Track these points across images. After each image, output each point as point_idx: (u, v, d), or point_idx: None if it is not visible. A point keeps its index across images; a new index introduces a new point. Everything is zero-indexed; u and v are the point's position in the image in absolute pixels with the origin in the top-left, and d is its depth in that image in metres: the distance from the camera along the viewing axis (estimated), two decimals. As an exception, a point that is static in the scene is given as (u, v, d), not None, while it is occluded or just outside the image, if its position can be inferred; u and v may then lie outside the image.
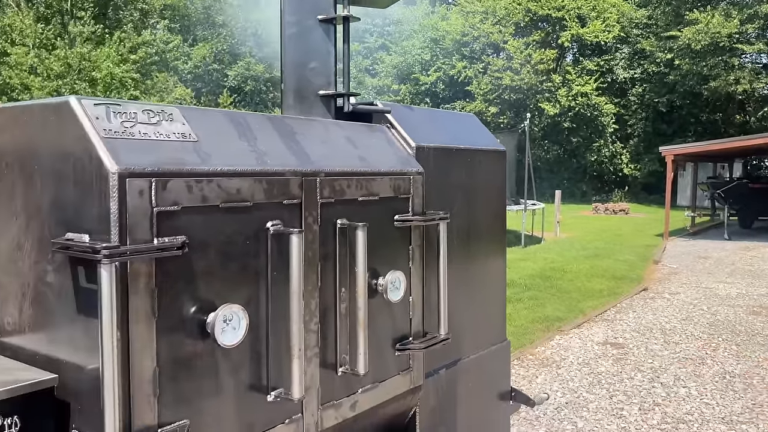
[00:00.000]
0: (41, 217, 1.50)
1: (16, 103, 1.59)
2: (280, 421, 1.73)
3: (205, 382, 1.53)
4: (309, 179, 1.78)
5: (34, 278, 1.53)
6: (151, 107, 1.55)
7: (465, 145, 2.53)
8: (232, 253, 1.58)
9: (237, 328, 1.55)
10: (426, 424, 2.35)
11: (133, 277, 1.37)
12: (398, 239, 2.12)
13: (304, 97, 2.22)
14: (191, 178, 1.48)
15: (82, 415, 1.43)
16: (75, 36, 31.59)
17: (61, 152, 1.44)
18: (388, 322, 2.09)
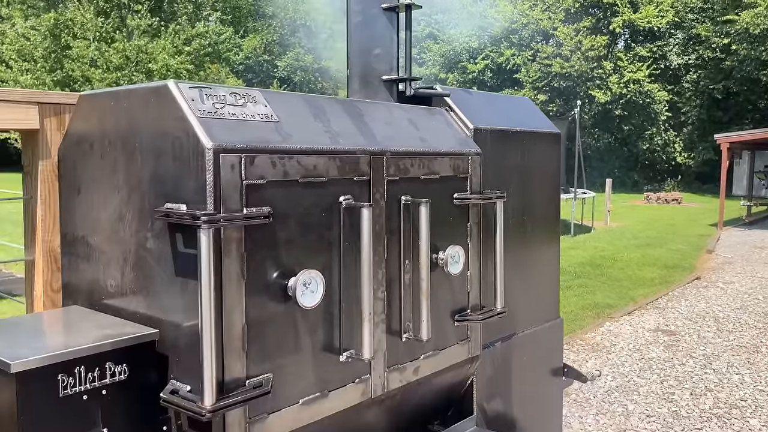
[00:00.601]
0: (141, 189, 1.67)
1: (119, 87, 1.77)
2: (350, 381, 1.88)
3: (286, 340, 1.69)
4: (376, 158, 1.92)
5: (134, 245, 1.71)
6: (237, 90, 1.70)
7: (520, 127, 2.63)
8: (309, 224, 1.73)
9: (315, 292, 1.70)
10: (482, 393, 2.47)
11: (226, 243, 1.53)
12: (457, 216, 2.24)
13: (368, 82, 2.35)
14: (275, 155, 1.63)
15: (180, 366, 1.60)
16: (133, 29, 32.53)
17: (160, 131, 1.61)
18: (447, 295, 2.21)
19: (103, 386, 1.51)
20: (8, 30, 34.55)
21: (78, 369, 1.46)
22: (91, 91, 1.90)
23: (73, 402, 1.46)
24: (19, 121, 2.62)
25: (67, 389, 1.44)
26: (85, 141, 1.86)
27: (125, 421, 1.55)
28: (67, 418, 1.45)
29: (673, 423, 4.54)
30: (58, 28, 32.99)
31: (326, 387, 1.81)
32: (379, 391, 1.97)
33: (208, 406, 1.46)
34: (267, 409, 1.65)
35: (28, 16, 34.42)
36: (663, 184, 30.69)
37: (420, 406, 2.28)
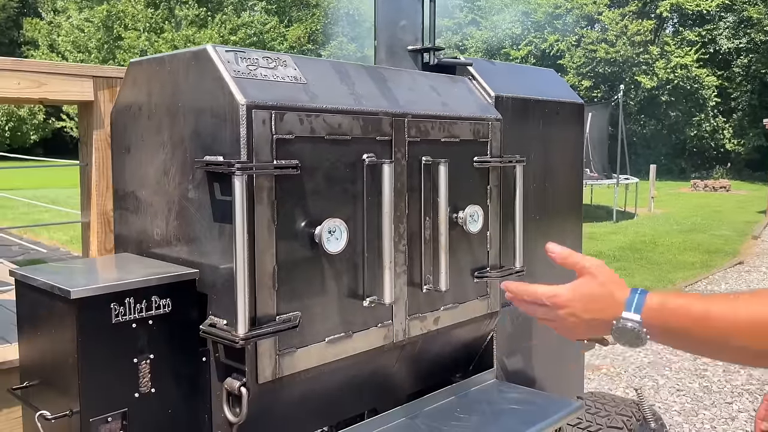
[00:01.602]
0: (184, 145, 1.85)
1: (163, 53, 1.95)
2: (373, 324, 2.04)
3: (313, 282, 1.85)
4: (398, 119, 2.06)
5: (177, 196, 1.89)
6: (269, 54, 1.87)
7: (542, 96, 2.74)
8: (334, 178, 1.89)
9: (339, 239, 1.86)
10: (502, 348, 2.61)
11: (258, 191, 1.70)
12: (477, 178, 2.37)
13: (394, 52, 2.49)
14: (302, 113, 1.79)
15: (218, 303, 1.79)
16: (181, 19, 33.29)
17: (200, 90, 1.78)
18: (467, 252, 2.35)
19: (149, 317, 1.70)
20: (64, 22, 35.69)
21: (128, 300, 1.65)
22: (139, 58, 2.09)
23: (123, 328, 1.65)
24: (76, 92, 2.85)
25: (119, 317, 1.64)
26: (134, 104, 2.05)
27: (169, 349, 1.74)
28: (118, 342, 1.65)
29: (703, 397, 4.58)
30: (110, 19, 33.97)
31: (350, 329, 1.97)
32: (400, 336, 2.12)
33: (241, 334, 1.64)
34: (295, 344, 1.82)
35: (82, 9, 35.50)
36: (711, 171, 29.96)
37: (442, 356, 2.43)
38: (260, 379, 1.74)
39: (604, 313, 1.19)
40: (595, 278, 1.22)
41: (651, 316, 1.14)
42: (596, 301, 1.21)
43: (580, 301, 1.22)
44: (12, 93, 2.71)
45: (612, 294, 1.19)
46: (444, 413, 2.25)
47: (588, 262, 1.25)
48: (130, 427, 1.68)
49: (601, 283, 1.21)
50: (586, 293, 1.22)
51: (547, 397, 2.41)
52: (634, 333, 1.15)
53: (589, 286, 1.22)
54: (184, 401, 1.79)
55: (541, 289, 1.28)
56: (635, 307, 1.15)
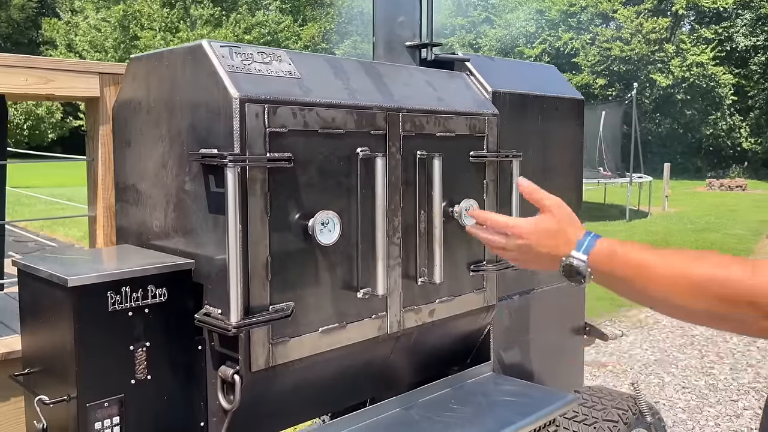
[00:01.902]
0: (181, 138, 1.89)
1: (162, 49, 2.00)
2: (367, 316, 2.07)
3: (307, 273, 1.89)
4: (392, 114, 2.09)
5: (175, 188, 1.94)
6: (264, 49, 1.90)
7: (541, 92, 2.75)
8: (328, 171, 1.92)
9: (332, 231, 1.89)
10: (499, 342, 2.63)
11: (251, 182, 1.73)
12: (473, 173, 2.39)
13: (392, 48, 2.52)
14: (295, 107, 1.83)
15: (213, 293, 1.83)
16: (196, 19, 33.52)
17: (196, 85, 1.83)
18: (462, 246, 2.37)
19: (145, 306, 1.74)
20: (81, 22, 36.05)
21: (124, 288, 1.69)
22: (139, 54, 2.14)
23: (120, 316, 1.69)
24: (82, 89, 2.90)
25: (115, 305, 1.68)
26: (134, 99, 2.10)
27: (165, 337, 1.79)
28: (115, 330, 1.69)
29: (709, 395, 4.57)
30: (126, 19, 34.28)
31: (344, 319, 2.00)
32: (395, 327, 2.15)
33: (234, 322, 1.68)
34: (289, 333, 1.86)
35: (99, 9, 35.86)
36: (727, 170, 29.67)
37: (439, 349, 2.46)
38: (253, 367, 1.78)
39: (556, 249, 1.26)
40: (553, 216, 1.30)
41: (597, 259, 1.21)
42: (551, 237, 1.28)
43: (537, 234, 1.29)
44: (20, 89, 2.77)
45: (566, 232, 1.27)
46: (439, 404, 2.28)
47: (549, 201, 1.33)
48: (126, 412, 1.72)
49: (558, 221, 1.29)
50: (543, 228, 1.29)
51: (542, 389, 2.43)
52: (578, 271, 1.22)
53: (548, 223, 1.29)
54: (180, 388, 1.83)
55: (503, 219, 1.38)
56: (584, 248, 1.22)
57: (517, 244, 1.33)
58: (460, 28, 33.05)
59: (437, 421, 2.15)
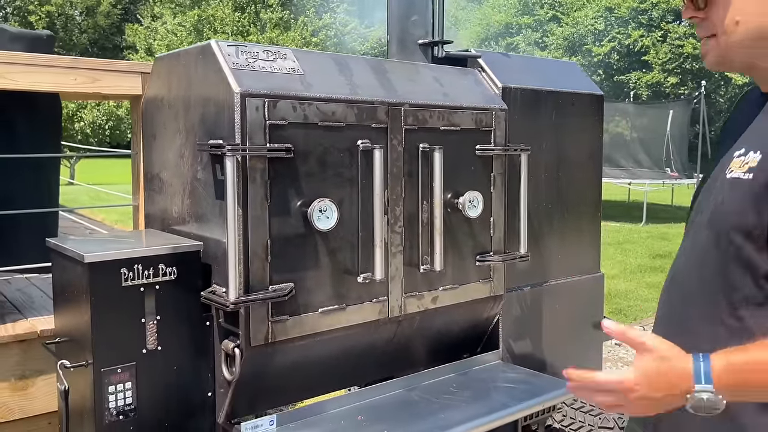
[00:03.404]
0: (195, 131, 2.06)
1: (180, 49, 2.17)
2: (368, 300, 2.18)
3: (307, 257, 2.02)
4: (394, 108, 2.20)
5: (190, 177, 2.11)
6: (270, 48, 2.05)
7: (556, 87, 2.80)
8: (328, 162, 2.05)
9: (330, 218, 2.02)
10: (509, 331, 2.69)
11: (251, 171, 1.88)
12: (480, 166, 2.47)
13: (405, 46, 2.63)
14: (295, 101, 1.96)
15: (219, 273, 1.98)
16: (266, 22, 34.42)
17: (206, 81, 1.99)
18: (468, 236, 2.46)
19: (156, 282, 1.91)
20: (159, 27, 37.56)
21: (136, 266, 1.87)
22: (162, 54, 2.33)
23: (132, 291, 1.87)
24: (126, 87, 3.15)
25: (128, 281, 1.86)
26: (158, 95, 2.28)
27: (174, 312, 1.96)
28: (128, 304, 1.87)
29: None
30: (200, 23, 35.50)
31: (345, 302, 2.13)
32: (396, 312, 2.26)
33: (232, 299, 1.83)
34: (288, 312, 1.99)
35: (176, 14, 37.27)
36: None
37: (446, 335, 2.54)
38: (253, 342, 1.92)
39: (675, 388, 1.15)
40: (652, 353, 1.17)
41: (722, 380, 1.12)
42: (662, 376, 1.16)
43: (647, 381, 1.17)
44: (69, 87, 3.04)
45: (676, 367, 1.15)
46: (440, 387, 2.37)
47: (645, 338, 1.19)
48: (138, 378, 1.90)
49: (662, 357, 1.16)
50: (651, 371, 1.16)
51: (545, 378, 2.48)
52: (711, 403, 1.12)
53: (650, 363, 1.17)
54: (189, 360, 2.00)
55: (604, 377, 1.20)
56: (705, 377, 1.12)
57: (629, 399, 1.19)
58: (526, 27, 32.63)
59: (435, 402, 2.24)
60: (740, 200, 1.22)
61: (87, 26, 42.24)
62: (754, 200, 1.20)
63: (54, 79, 2.92)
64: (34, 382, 2.52)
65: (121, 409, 1.86)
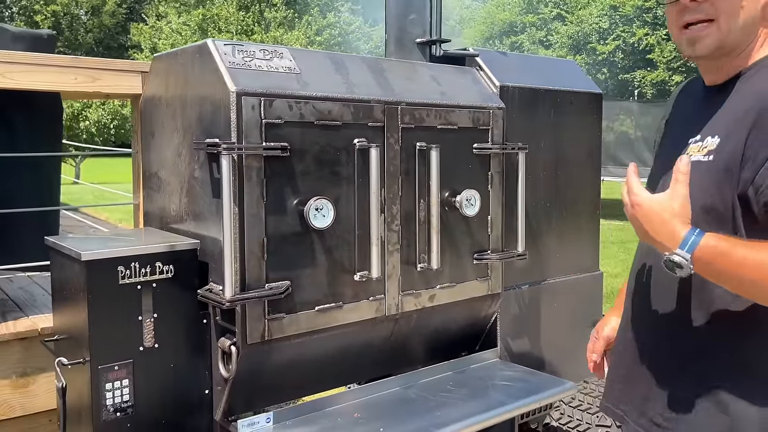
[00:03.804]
0: (192, 129, 2.07)
1: (174, 49, 2.18)
2: (365, 297, 2.19)
3: (303, 255, 2.03)
4: (391, 107, 2.21)
5: (188, 176, 2.12)
6: (267, 47, 2.06)
7: (554, 86, 2.80)
8: (325, 160, 2.06)
9: (326, 216, 2.03)
10: (507, 330, 2.70)
11: (247, 169, 1.89)
12: (477, 164, 2.47)
13: (403, 45, 2.64)
14: (291, 100, 1.97)
15: (216, 271, 1.99)
16: (270, 21, 34.47)
17: (203, 80, 2.00)
18: (465, 235, 2.46)
19: (153, 280, 1.93)
20: (164, 26, 37.64)
21: (133, 264, 1.88)
22: (160, 53, 2.34)
23: (130, 289, 1.89)
24: (126, 86, 3.16)
25: (125, 279, 1.87)
26: (156, 94, 2.30)
27: (172, 310, 1.97)
28: (125, 301, 1.88)
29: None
30: (205, 22, 35.56)
31: (342, 300, 2.13)
32: (393, 310, 2.26)
33: (228, 296, 1.84)
34: (285, 309, 2.00)
35: (180, 13, 37.34)
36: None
37: (444, 334, 2.55)
38: (249, 339, 1.93)
39: (660, 236, 1.27)
40: (671, 202, 1.27)
41: (702, 255, 1.23)
42: (661, 224, 1.28)
43: (648, 213, 1.29)
44: (70, 86, 3.05)
45: (673, 226, 1.26)
46: (437, 385, 2.37)
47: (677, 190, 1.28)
48: (135, 376, 1.92)
49: (671, 211, 1.27)
50: (656, 211, 1.28)
51: (543, 376, 2.48)
52: (679, 268, 1.24)
53: (661, 210, 1.28)
54: (186, 357, 2.01)
55: (632, 180, 1.34)
56: (689, 247, 1.23)
57: (628, 210, 1.34)
58: (530, 25, 32.57)
59: (432, 400, 2.25)
60: (703, 180, 1.31)
61: (92, 26, 42.37)
62: (716, 180, 1.30)
63: (54, 78, 2.93)
64: (35, 379, 2.53)
65: (119, 407, 1.88)
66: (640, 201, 1.31)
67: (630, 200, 1.33)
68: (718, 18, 1.34)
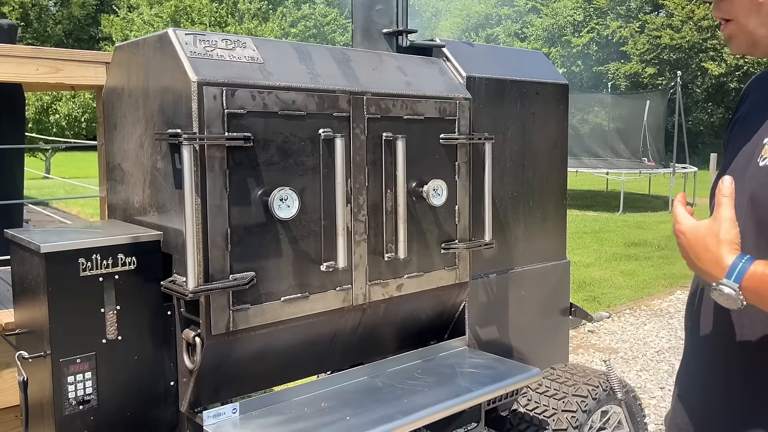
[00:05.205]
0: (154, 120, 2.05)
1: (138, 38, 2.16)
2: (331, 288, 2.19)
3: (268, 246, 2.02)
4: (356, 97, 2.20)
5: (150, 167, 2.10)
6: (230, 37, 2.04)
7: (522, 77, 2.82)
8: (289, 150, 2.05)
9: (291, 207, 2.02)
10: (475, 318, 2.72)
11: (209, 160, 1.88)
12: (444, 155, 2.48)
13: (370, 35, 2.63)
14: (254, 89, 1.96)
15: (179, 263, 1.98)
16: (243, 13, 34.14)
17: (164, 70, 1.98)
18: (433, 225, 2.47)
19: (115, 272, 1.91)
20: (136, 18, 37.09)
21: (95, 256, 1.86)
22: (121, 42, 2.31)
23: (91, 281, 1.86)
24: (90, 77, 3.11)
25: (86, 271, 1.85)
26: (118, 85, 2.27)
27: (135, 302, 1.95)
28: (86, 294, 1.86)
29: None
30: (178, 14, 35.12)
31: (308, 290, 2.13)
32: (360, 300, 2.27)
33: (191, 287, 1.83)
34: (250, 301, 1.99)
35: (153, 5, 36.81)
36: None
37: (412, 323, 2.56)
38: (214, 330, 1.92)
39: (707, 265, 1.20)
40: (713, 226, 1.20)
41: (750, 284, 1.15)
42: (706, 251, 1.20)
43: (693, 240, 1.22)
44: (31, 78, 2.99)
45: (719, 253, 1.18)
46: (405, 373, 2.39)
47: (724, 211, 1.20)
48: (98, 368, 1.90)
49: (716, 236, 1.18)
50: (700, 237, 1.21)
51: (509, 363, 2.51)
52: (730, 299, 1.17)
53: (707, 235, 1.20)
54: (151, 350, 2.00)
55: (678, 209, 1.28)
56: (736, 276, 1.16)
57: (678, 240, 1.27)
58: (506, 18, 32.69)
59: (399, 388, 2.26)
60: None
61: (62, 17, 41.56)
62: None
63: (15, 69, 2.88)
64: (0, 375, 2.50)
65: (81, 399, 1.86)
66: (684, 228, 1.24)
67: (675, 229, 1.27)
68: (736, 17, 1.30)
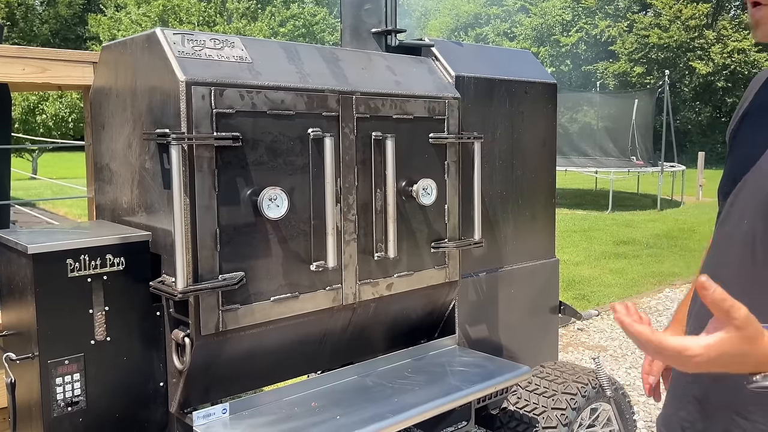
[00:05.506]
0: (142, 120, 2.04)
1: (126, 37, 2.15)
2: (321, 287, 2.19)
3: (258, 245, 2.02)
4: (345, 96, 2.20)
5: (138, 167, 2.09)
6: (218, 36, 2.04)
7: (510, 76, 2.83)
8: (278, 150, 2.05)
9: (280, 206, 2.02)
10: (465, 317, 2.72)
11: (198, 160, 1.87)
12: (433, 154, 2.49)
13: (359, 35, 2.63)
14: (243, 89, 1.95)
15: (168, 263, 1.97)
16: (232, 12, 34.02)
17: (152, 70, 1.97)
18: (422, 224, 2.48)
19: (104, 273, 1.90)
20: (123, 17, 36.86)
21: (83, 256, 1.85)
22: (109, 42, 2.30)
23: (79, 282, 1.86)
24: (77, 77, 3.09)
25: (74, 272, 1.84)
26: (106, 84, 2.25)
27: (123, 303, 1.94)
28: (75, 294, 1.85)
29: (707, 380, 4.56)
30: (166, 13, 34.93)
31: (297, 290, 2.13)
32: (350, 299, 2.27)
33: (180, 288, 1.82)
34: (239, 300, 1.99)
35: (140, 4, 36.60)
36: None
37: (402, 322, 2.57)
38: (203, 330, 1.92)
39: (748, 367, 1.05)
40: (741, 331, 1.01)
41: None
42: (741, 356, 1.03)
43: (720, 353, 1.03)
44: (18, 78, 2.97)
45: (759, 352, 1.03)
46: (395, 372, 2.39)
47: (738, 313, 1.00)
48: (87, 369, 1.89)
49: (749, 338, 1.01)
50: (731, 349, 1.02)
51: (499, 362, 2.52)
52: None
53: (737, 342, 1.01)
54: (140, 350, 1.99)
55: (668, 341, 1.04)
56: None
57: (692, 362, 1.04)
58: (495, 17, 32.77)
59: (389, 387, 2.26)
60: None
61: (48, 16, 41.25)
62: None
63: (1, 69, 2.85)
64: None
65: (70, 401, 1.85)
66: (695, 352, 1.02)
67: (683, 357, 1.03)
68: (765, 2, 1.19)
